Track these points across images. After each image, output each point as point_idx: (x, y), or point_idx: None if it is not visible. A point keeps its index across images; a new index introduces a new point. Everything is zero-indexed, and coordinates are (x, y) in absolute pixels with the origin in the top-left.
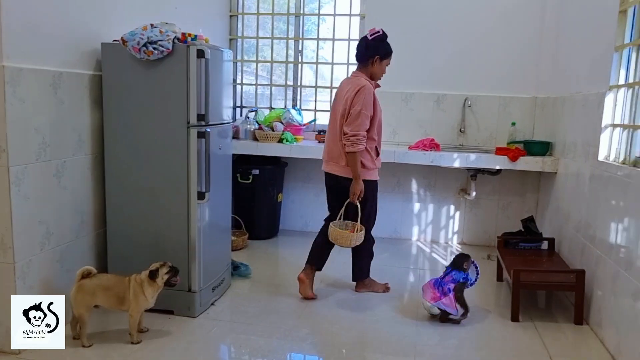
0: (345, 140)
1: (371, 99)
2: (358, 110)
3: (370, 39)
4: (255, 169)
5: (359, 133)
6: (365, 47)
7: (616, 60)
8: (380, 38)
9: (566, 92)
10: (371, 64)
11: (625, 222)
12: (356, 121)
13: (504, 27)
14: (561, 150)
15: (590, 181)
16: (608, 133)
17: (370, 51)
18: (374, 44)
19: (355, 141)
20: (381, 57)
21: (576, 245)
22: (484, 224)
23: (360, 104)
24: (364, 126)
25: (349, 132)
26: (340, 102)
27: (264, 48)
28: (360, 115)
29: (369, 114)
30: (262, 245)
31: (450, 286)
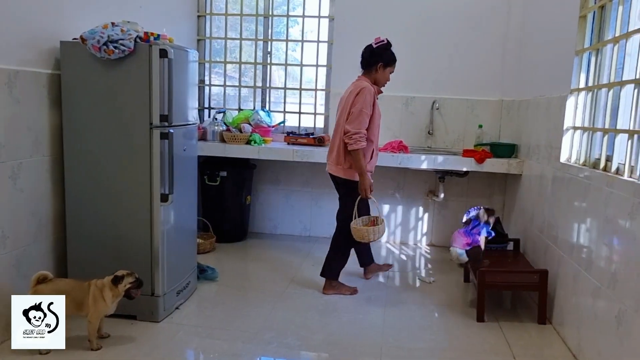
0: (347, 138)
1: (371, 100)
2: (359, 109)
3: (374, 46)
4: (223, 171)
5: (360, 131)
6: (370, 54)
7: (577, 64)
8: (384, 46)
9: (530, 95)
10: (375, 70)
11: (586, 223)
12: (357, 119)
13: (471, 31)
14: (526, 152)
15: (553, 183)
16: (569, 135)
17: (374, 58)
18: (378, 52)
19: (357, 139)
20: (384, 64)
21: (540, 245)
22: (452, 225)
23: (360, 103)
24: (365, 124)
25: (350, 129)
26: (342, 104)
27: (236, 49)
28: (362, 113)
29: (369, 112)
30: (230, 248)
31: (478, 238)
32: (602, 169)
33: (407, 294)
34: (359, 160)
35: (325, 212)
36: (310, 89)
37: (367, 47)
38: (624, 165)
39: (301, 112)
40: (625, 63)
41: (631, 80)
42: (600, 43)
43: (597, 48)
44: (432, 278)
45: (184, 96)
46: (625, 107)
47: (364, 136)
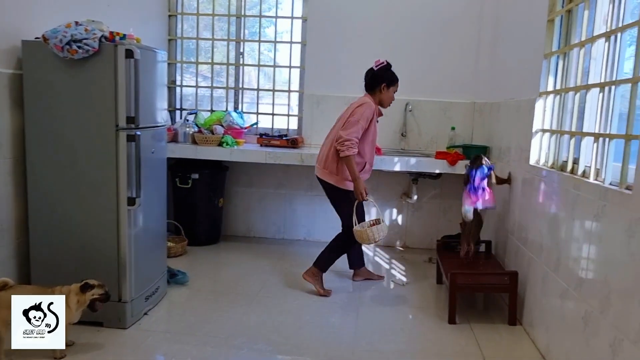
0: (339, 145)
1: (370, 115)
2: (356, 119)
3: (376, 69)
4: (195, 173)
5: (353, 139)
6: (372, 77)
7: (545, 67)
8: (385, 68)
9: (502, 97)
10: (379, 91)
11: (554, 225)
12: (352, 127)
13: (444, 33)
14: (497, 154)
15: (523, 184)
16: (538, 138)
17: (376, 80)
18: (380, 73)
19: (349, 145)
20: (387, 85)
21: (511, 247)
22: (426, 227)
23: (359, 115)
24: (358, 134)
25: (344, 136)
26: (342, 114)
27: (211, 49)
28: (358, 124)
29: (364, 125)
30: (202, 252)
31: (482, 184)
32: (570, 171)
33: (380, 297)
34: (352, 165)
35: (299, 214)
36: (283, 90)
37: (368, 71)
38: (590, 168)
39: (274, 113)
40: (591, 67)
41: (596, 84)
42: (567, 47)
43: (564, 52)
44: (406, 280)
45: (152, 97)
46: (591, 110)
47: (355, 144)
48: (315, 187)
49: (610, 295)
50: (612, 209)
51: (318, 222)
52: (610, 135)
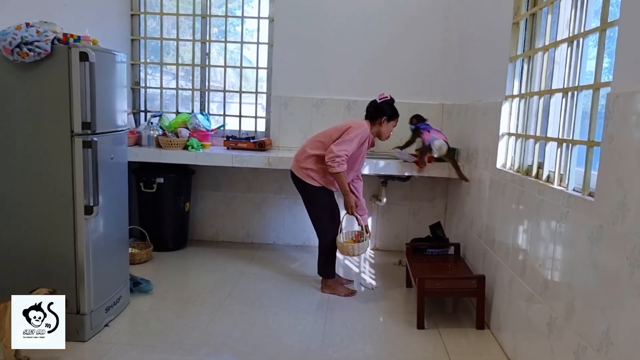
0: (329, 161)
1: (363, 140)
2: (352, 138)
3: (379, 102)
4: (160, 177)
5: (343, 155)
6: (374, 109)
7: (511, 70)
8: (387, 102)
9: (470, 99)
10: (379, 123)
11: (520, 229)
12: (346, 145)
13: (412, 35)
14: (466, 157)
15: (490, 188)
16: (504, 141)
17: (378, 112)
18: (382, 106)
19: (340, 162)
20: (388, 119)
21: (479, 250)
22: (395, 229)
23: (354, 134)
24: (348, 153)
25: (335, 151)
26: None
27: (180, 49)
28: (352, 142)
29: (355, 147)
30: (168, 258)
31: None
32: (535, 176)
33: (349, 301)
34: (342, 181)
35: (268, 218)
36: (251, 92)
37: (371, 102)
38: (554, 173)
39: (242, 115)
40: (555, 71)
41: (559, 89)
42: (532, 50)
43: (529, 55)
44: (374, 284)
45: (110, 101)
46: (555, 115)
47: (345, 160)
48: (285, 190)
49: (574, 302)
50: (575, 216)
51: (287, 225)
52: (573, 141)
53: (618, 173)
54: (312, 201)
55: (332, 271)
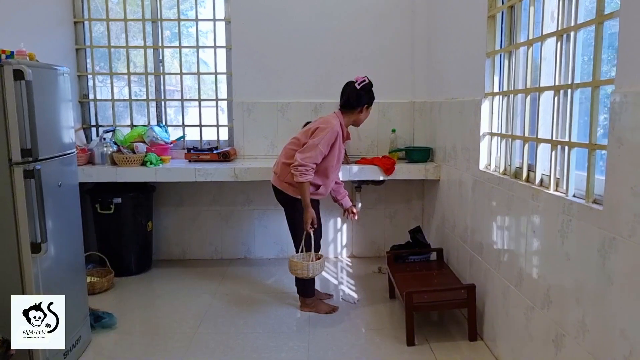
0: (293, 169)
1: (331, 140)
2: (316, 144)
3: (358, 88)
4: (117, 197)
5: (309, 164)
6: (356, 97)
7: (489, 66)
8: (368, 87)
9: (442, 96)
10: (359, 111)
11: (512, 237)
12: (309, 152)
13: (378, 32)
14: (442, 156)
15: (473, 190)
16: (487, 141)
17: (360, 100)
18: (363, 93)
19: (303, 171)
20: (368, 105)
21: (464, 256)
22: (372, 234)
23: (319, 138)
24: (315, 160)
25: (299, 160)
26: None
27: (131, 57)
28: (316, 149)
29: (324, 151)
30: (132, 283)
31: None
32: (525, 179)
33: (332, 320)
34: (304, 192)
35: (237, 231)
36: (210, 99)
37: (351, 89)
38: (548, 178)
39: (202, 124)
40: (543, 67)
41: (549, 87)
42: (513, 45)
43: (509, 50)
44: (356, 297)
45: (54, 121)
46: (545, 114)
47: (311, 170)
48: (253, 201)
49: (585, 319)
50: (579, 225)
51: (258, 237)
52: (570, 144)
53: (631, 181)
54: (292, 214)
55: (311, 289)
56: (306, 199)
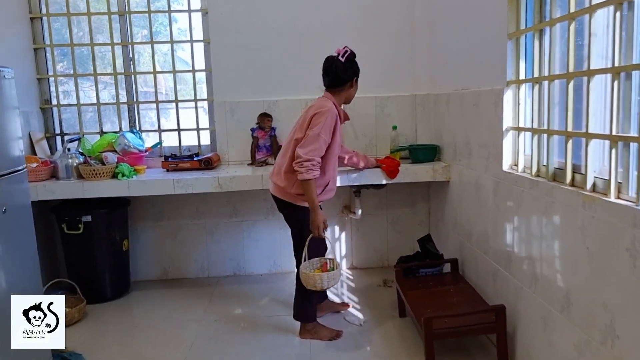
0: (297, 166)
1: (332, 125)
2: (317, 134)
3: (343, 60)
4: (86, 214)
5: (314, 158)
6: (344, 70)
7: (511, 49)
8: (352, 57)
9: (450, 87)
10: (349, 86)
11: (552, 252)
12: (312, 145)
13: (371, 18)
14: (452, 155)
15: (495, 194)
16: (511, 138)
17: (347, 73)
18: (350, 65)
19: (310, 167)
20: (356, 77)
21: (485, 268)
22: (374, 243)
23: (319, 127)
24: (320, 152)
25: (302, 155)
26: (299, 120)
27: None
28: (318, 139)
29: (327, 139)
30: (108, 311)
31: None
32: (570, 183)
33: (337, 346)
34: (311, 192)
35: (224, 246)
36: (188, 100)
37: (335, 63)
38: (605, 182)
39: (181, 128)
40: (592, 46)
41: (603, 70)
42: (546, 22)
43: (540, 29)
44: (363, 317)
45: None
46: (597, 103)
47: (317, 165)
48: (240, 212)
49: None
50: None
51: (248, 251)
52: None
53: None
54: (296, 225)
55: (312, 313)
56: (314, 199)
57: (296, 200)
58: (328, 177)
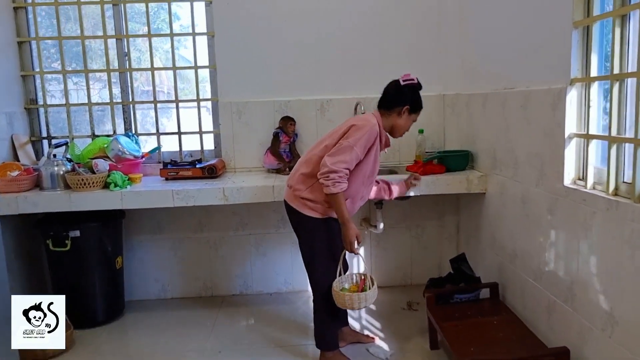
0: (323, 178)
1: (370, 142)
2: (350, 145)
3: (402, 84)
4: (75, 229)
5: (342, 170)
6: (396, 92)
7: (576, 41)
8: (414, 87)
9: (487, 87)
10: (398, 113)
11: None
12: (342, 155)
13: (394, 10)
14: (489, 163)
15: (552, 213)
16: (575, 147)
17: (400, 98)
18: (407, 91)
19: (337, 179)
20: (411, 109)
21: (535, 297)
22: (397, 259)
23: (354, 139)
24: (349, 165)
25: (329, 165)
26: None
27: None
28: (351, 151)
29: (359, 155)
30: (99, 337)
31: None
32: None
33: None
34: (339, 205)
35: (229, 262)
36: (190, 100)
37: (392, 84)
38: None
39: (181, 132)
40: None
41: None
42: (632, 6)
43: (623, 13)
44: (389, 350)
45: None
46: None
47: (344, 177)
48: (248, 224)
49: None
50: None
51: (256, 268)
52: None
53: None
54: (307, 240)
55: (333, 340)
56: (344, 213)
57: (303, 209)
58: (347, 195)
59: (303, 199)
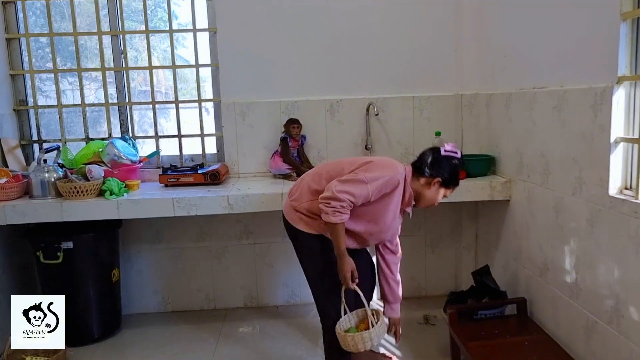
0: (323, 202)
1: (387, 188)
2: (364, 180)
3: (443, 153)
4: (67, 240)
5: (346, 200)
6: (433, 160)
7: (626, 35)
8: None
9: (511, 86)
10: (427, 183)
11: None
12: (352, 187)
13: (407, 4)
14: (514, 168)
15: (593, 226)
16: (622, 152)
17: (432, 167)
18: (443, 163)
19: (338, 208)
20: (442, 183)
21: (571, 316)
22: (410, 269)
23: (372, 177)
24: (355, 199)
25: (334, 191)
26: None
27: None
28: (363, 187)
29: (370, 197)
30: (94, 356)
31: None
32: None
33: None
34: (337, 236)
35: (233, 272)
36: (191, 101)
37: (431, 149)
38: None
39: (182, 134)
40: None
41: None
42: None
43: None
44: None
45: None
46: None
47: (347, 208)
48: (253, 233)
49: None
50: None
51: (261, 280)
52: None
53: None
54: (305, 260)
55: None
56: (341, 245)
57: (298, 224)
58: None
59: (298, 212)
